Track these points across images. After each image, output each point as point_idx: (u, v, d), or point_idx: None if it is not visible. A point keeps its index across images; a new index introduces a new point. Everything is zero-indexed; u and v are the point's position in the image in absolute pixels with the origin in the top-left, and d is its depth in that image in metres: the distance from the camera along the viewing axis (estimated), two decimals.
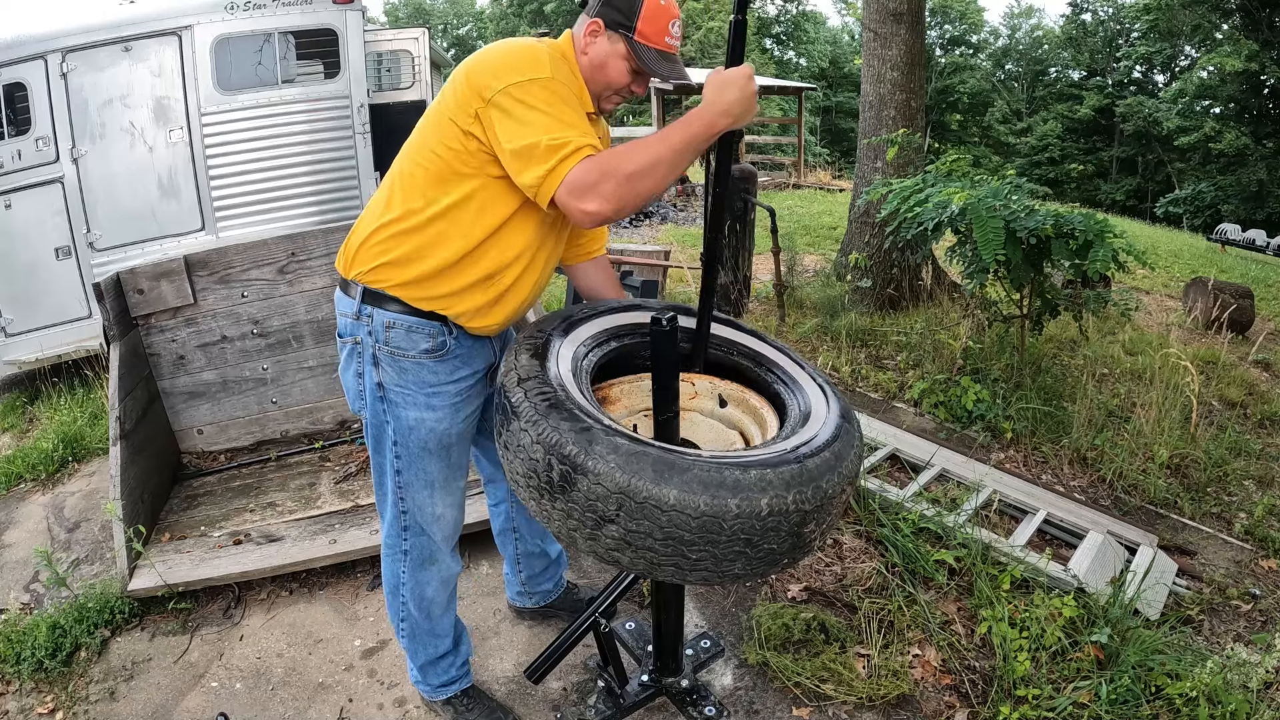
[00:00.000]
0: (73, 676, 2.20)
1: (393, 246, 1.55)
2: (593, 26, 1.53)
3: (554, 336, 1.54)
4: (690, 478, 1.19)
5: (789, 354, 1.74)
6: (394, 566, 1.82)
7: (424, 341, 1.59)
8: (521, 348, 1.49)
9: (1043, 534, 2.83)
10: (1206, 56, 24.73)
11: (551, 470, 1.26)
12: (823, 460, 1.31)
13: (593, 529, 1.25)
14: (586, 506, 1.24)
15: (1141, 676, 2.01)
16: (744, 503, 1.19)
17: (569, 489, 1.24)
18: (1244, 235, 13.62)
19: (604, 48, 1.53)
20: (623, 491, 1.19)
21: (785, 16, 37.66)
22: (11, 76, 4.25)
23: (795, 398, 1.59)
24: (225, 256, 3.23)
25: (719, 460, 1.24)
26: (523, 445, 1.31)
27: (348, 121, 5.04)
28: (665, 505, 1.18)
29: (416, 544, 1.78)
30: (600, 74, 1.56)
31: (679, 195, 12.64)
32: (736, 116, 1.40)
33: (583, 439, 1.24)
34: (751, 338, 1.77)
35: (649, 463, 1.20)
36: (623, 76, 1.56)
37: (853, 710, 1.99)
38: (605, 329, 1.66)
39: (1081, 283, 3.90)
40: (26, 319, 4.49)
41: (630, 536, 1.22)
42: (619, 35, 1.52)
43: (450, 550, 1.84)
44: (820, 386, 1.61)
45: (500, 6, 36.73)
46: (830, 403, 1.54)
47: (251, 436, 3.39)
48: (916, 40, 5.20)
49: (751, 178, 4.50)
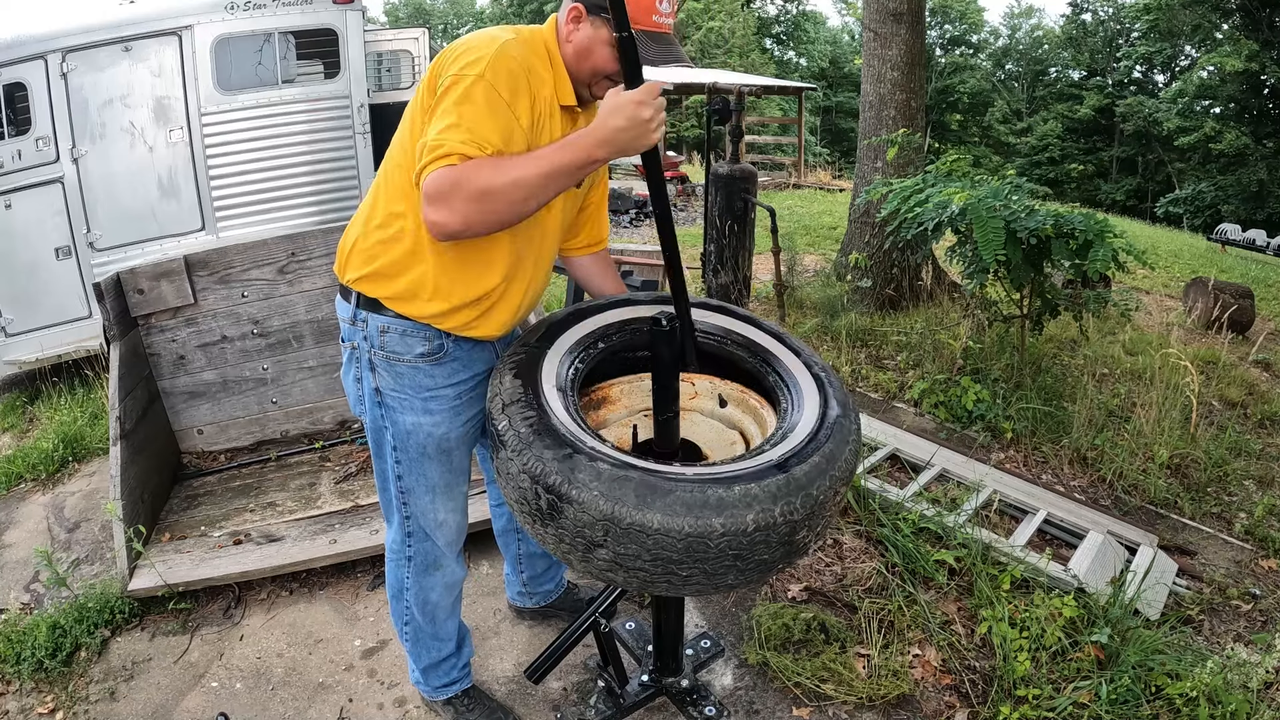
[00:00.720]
0: (73, 676, 2.20)
1: (379, 254, 1.51)
2: (574, 12, 1.43)
3: (537, 350, 1.53)
4: (673, 501, 1.18)
5: (785, 340, 1.68)
6: (398, 572, 1.80)
7: (420, 345, 1.56)
8: (505, 367, 1.49)
9: (1043, 534, 2.83)
10: (1206, 56, 24.73)
11: (539, 499, 1.27)
12: (812, 466, 1.28)
13: (584, 552, 1.26)
14: (575, 533, 1.25)
15: (1141, 676, 2.01)
16: (729, 521, 1.18)
17: (557, 516, 1.25)
18: (1244, 235, 13.61)
19: (587, 33, 1.43)
20: (607, 519, 1.20)
21: (785, 16, 37.67)
22: (11, 76, 4.25)
23: (789, 393, 1.55)
24: (225, 256, 3.23)
25: (703, 478, 1.23)
26: (511, 474, 1.33)
27: (348, 121, 5.04)
28: (650, 530, 1.18)
29: (421, 549, 1.75)
30: (585, 62, 1.46)
31: (679, 195, 12.64)
32: (619, 148, 1.31)
33: (566, 467, 1.24)
34: (746, 325, 1.72)
35: (631, 488, 1.20)
36: (610, 63, 1.44)
37: (853, 710, 1.99)
38: (591, 331, 1.64)
39: (1081, 283, 3.90)
40: (26, 319, 4.49)
41: (620, 559, 1.23)
42: (601, 20, 1.41)
43: (455, 555, 1.81)
44: (815, 376, 1.56)
45: (500, 6, 36.70)
46: (824, 395, 1.49)
47: (251, 436, 3.39)
48: (916, 40, 5.20)
49: (751, 178, 4.49)
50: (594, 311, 1.68)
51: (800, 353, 1.64)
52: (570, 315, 1.67)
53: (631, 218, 10.74)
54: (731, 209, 4.43)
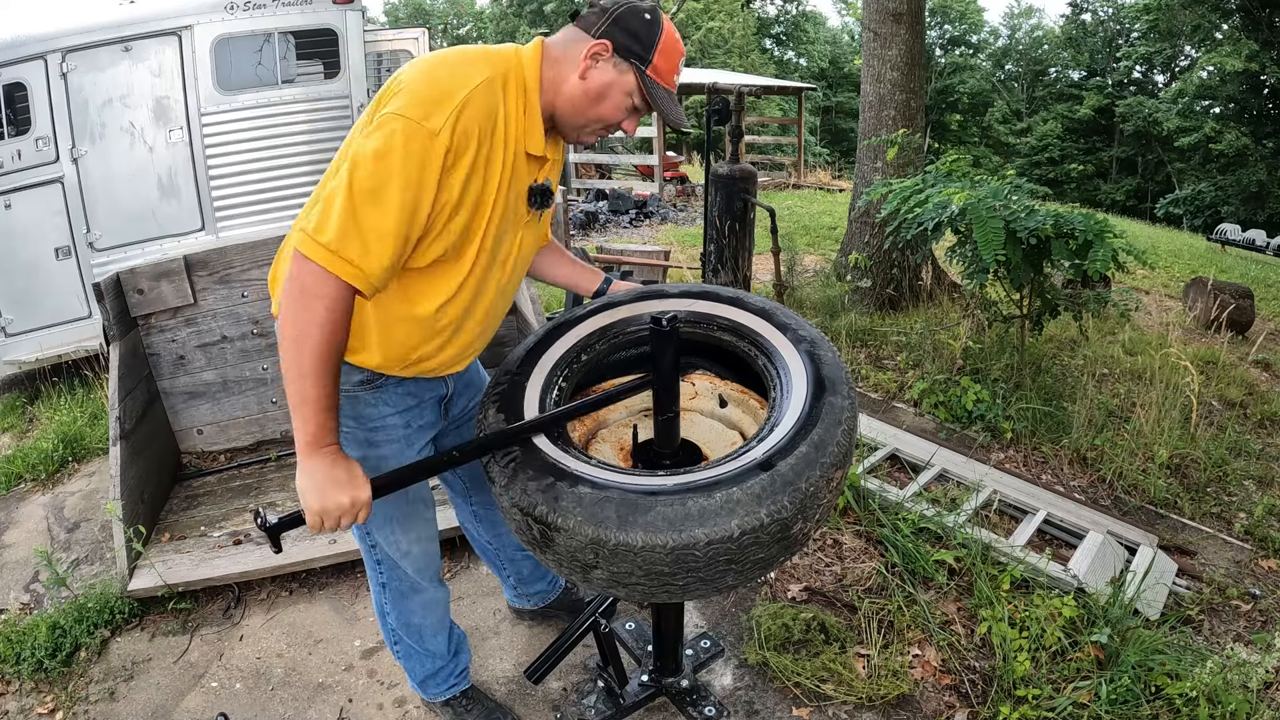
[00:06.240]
0: (72, 676, 2.20)
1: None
2: (598, 48, 1.31)
3: (519, 377, 1.52)
4: (654, 517, 1.18)
5: (772, 317, 1.58)
6: (378, 597, 1.77)
7: (356, 374, 1.42)
8: (489, 401, 1.49)
9: (1043, 534, 2.83)
10: (1206, 56, 24.73)
11: (532, 529, 1.29)
12: (799, 458, 1.24)
13: (582, 574, 1.28)
14: (570, 557, 1.26)
15: (1141, 676, 2.01)
16: (713, 530, 1.17)
17: (550, 544, 1.27)
18: (1244, 235, 13.64)
19: (608, 75, 1.32)
20: (594, 542, 1.20)
21: (785, 16, 37.65)
22: (11, 76, 4.25)
23: (778, 376, 1.48)
24: (225, 256, 3.23)
25: (683, 487, 1.22)
26: (504, 508, 1.35)
27: (348, 122, 5.04)
28: (635, 549, 1.18)
29: (393, 576, 1.70)
30: (593, 105, 1.34)
31: (679, 195, 12.64)
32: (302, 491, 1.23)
33: (549, 496, 1.25)
34: (730, 307, 1.63)
35: (612, 509, 1.20)
36: (618, 112, 1.36)
37: (853, 710, 1.99)
38: (573, 345, 1.62)
39: (1081, 283, 3.90)
40: (26, 319, 4.49)
41: (616, 577, 1.24)
42: (630, 65, 1.32)
43: (430, 579, 1.74)
44: (803, 354, 1.47)
45: (500, 6, 36.68)
46: (812, 373, 1.41)
47: (251, 436, 3.38)
48: (916, 40, 5.21)
49: (751, 178, 4.50)
50: (573, 324, 1.66)
51: (788, 328, 1.54)
52: (550, 332, 1.65)
53: (631, 218, 10.74)
54: (731, 209, 4.43)
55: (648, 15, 1.32)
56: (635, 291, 1.71)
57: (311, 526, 1.24)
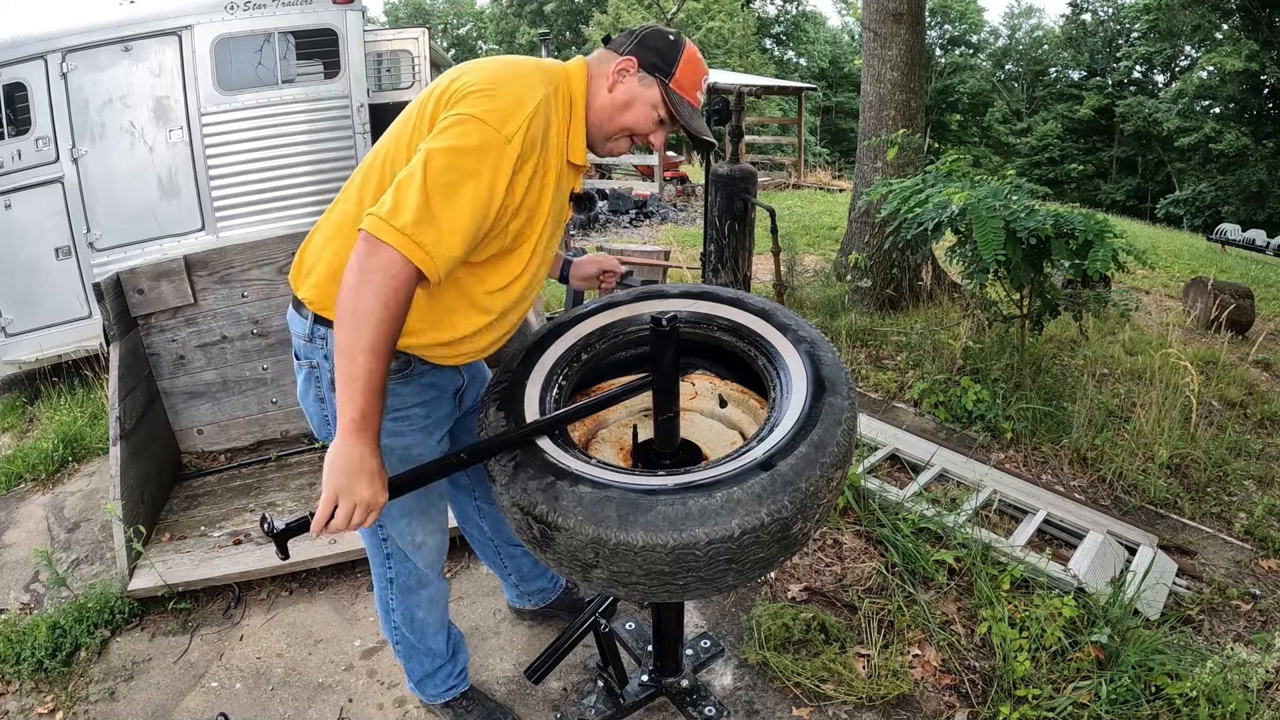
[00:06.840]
0: (73, 676, 2.20)
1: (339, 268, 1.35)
2: (625, 64, 1.44)
3: (520, 375, 1.53)
4: (654, 517, 1.18)
5: (771, 318, 1.60)
6: (382, 592, 1.78)
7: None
8: (489, 400, 1.50)
9: (1043, 534, 2.83)
10: (1206, 56, 24.73)
11: (532, 528, 1.29)
12: (799, 458, 1.24)
13: (583, 573, 1.28)
14: (570, 556, 1.26)
15: (1141, 676, 2.01)
16: (713, 530, 1.17)
17: (551, 543, 1.27)
18: (1244, 235, 13.64)
19: (633, 88, 1.45)
20: (595, 541, 1.20)
21: (785, 16, 37.66)
22: (11, 76, 4.25)
23: (778, 376, 1.48)
24: (225, 256, 3.23)
25: (683, 486, 1.22)
26: (505, 506, 1.36)
27: (348, 121, 5.04)
28: (635, 548, 1.18)
29: (401, 570, 1.72)
30: (622, 114, 1.46)
31: (679, 195, 12.64)
32: (328, 473, 1.23)
33: (549, 496, 1.25)
34: (730, 307, 1.64)
35: (613, 508, 1.20)
36: (645, 122, 1.47)
37: (853, 710, 1.99)
38: (573, 344, 1.63)
39: (1081, 283, 3.90)
40: (26, 319, 4.49)
41: (616, 576, 1.24)
42: (654, 79, 1.44)
43: (438, 573, 1.78)
44: (803, 355, 1.48)
45: (500, 6, 36.68)
46: (812, 373, 1.42)
47: (251, 436, 3.38)
48: (916, 40, 5.21)
49: (751, 178, 4.50)
50: (574, 323, 1.66)
51: (788, 328, 1.56)
52: (550, 332, 1.65)
53: (631, 218, 10.73)
54: (731, 209, 4.43)
55: (671, 36, 1.47)
56: (636, 293, 1.74)
57: (321, 515, 1.23)
